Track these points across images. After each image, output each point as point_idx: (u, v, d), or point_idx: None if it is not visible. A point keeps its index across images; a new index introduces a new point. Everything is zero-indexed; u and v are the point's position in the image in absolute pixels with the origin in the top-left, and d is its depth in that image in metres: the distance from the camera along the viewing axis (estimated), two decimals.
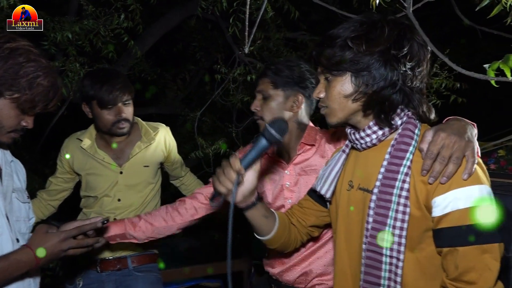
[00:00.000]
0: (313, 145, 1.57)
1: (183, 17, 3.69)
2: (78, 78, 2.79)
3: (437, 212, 0.96)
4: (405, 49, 1.00)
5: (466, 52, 4.04)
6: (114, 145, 1.97)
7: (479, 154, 1.05)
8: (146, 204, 2.01)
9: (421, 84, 1.05)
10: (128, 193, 1.97)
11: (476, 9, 1.27)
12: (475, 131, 1.05)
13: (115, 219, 1.93)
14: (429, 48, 1.09)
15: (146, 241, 1.74)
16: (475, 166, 0.97)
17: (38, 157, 4.24)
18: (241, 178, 1.12)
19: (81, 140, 1.99)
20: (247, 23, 1.93)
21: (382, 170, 1.03)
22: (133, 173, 1.98)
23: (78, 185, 2.11)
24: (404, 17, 1.67)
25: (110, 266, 1.92)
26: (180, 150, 2.25)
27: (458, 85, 2.53)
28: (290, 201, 1.59)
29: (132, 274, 1.92)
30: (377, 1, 1.37)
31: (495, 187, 1.31)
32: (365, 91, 1.03)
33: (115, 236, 1.69)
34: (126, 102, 1.90)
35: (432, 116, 1.10)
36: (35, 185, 3.78)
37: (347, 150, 1.19)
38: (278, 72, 1.55)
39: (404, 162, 1.00)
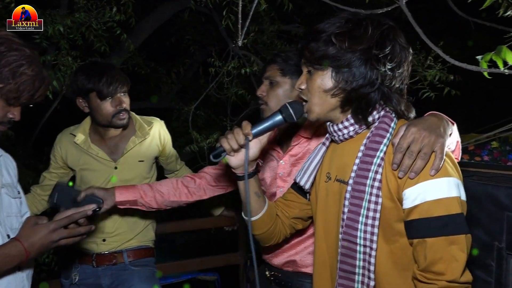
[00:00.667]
0: (309, 138, 1.58)
1: (176, 10, 3.66)
2: (71, 72, 2.76)
3: (407, 204, 0.99)
4: (387, 49, 1.02)
5: (459, 44, 4.05)
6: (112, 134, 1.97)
7: (459, 148, 1.10)
8: None
9: (401, 85, 1.08)
10: None
11: (469, 1, 1.27)
12: (451, 127, 1.07)
13: (110, 214, 1.93)
14: (410, 50, 1.11)
15: (152, 210, 1.77)
16: (444, 160, 0.99)
17: (32, 152, 4.22)
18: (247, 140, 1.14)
19: (75, 135, 1.97)
20: (240, 16, 1.92)
21: (357, 161, 1.06)
22: (128, 168, 1.97)
23: (73, 180, 2.10)
24: (397, 10, 1.67)
25: (105, 260, 1.91)
26: (174, 144, 2.24)
27: (452, 78, 2.53)
28: (281, 190, 1.61)
29: (128, 268, 1.92)
30: None
31: (488, 179, 1.33)
32: (344, 88, 1.05)
33: (126, 201, 1.70)
34: (124, 93, 1.90)
35: (412, 114, 1.12)
36: (29, 180, 3.76)
37: (327, 143, 1.22)
38: (288, 59, 1.55)
39: (378, 153, 1.03)
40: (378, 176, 1.01)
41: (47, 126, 3.75)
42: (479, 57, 1.21)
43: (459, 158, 1.14)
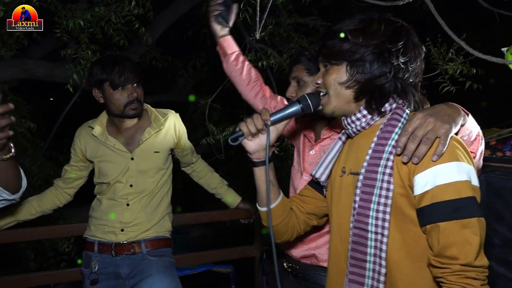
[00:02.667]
0: (339, 132, 1.58)
1: (194, 3, 3.66)
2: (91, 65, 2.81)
3: (417, 190, 1.00)
4: (400, 44, 1.07)
5: (481, 37, 3.94)
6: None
7: (479, 141, 1.09)
8: (158, 190, 2.03)
9: (415, 79, 1.11)
10: (140, 179, 1.99)
11: None
12: (463, 117, 1.07)
13: (128, 204, 1.97)
14: (423, 48, 1.14)
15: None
16: (451, 146, 1.00)
17: (53, 144, 4.32)
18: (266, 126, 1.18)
19: (92, 128, 2.01)
20: (258, 9, 1.91)
21: (370, 151, 1.08)
22: (144, 159, 2.00)
23: (92, 173, 2.14)
24: (418, 1, 1.63)
25: (124, 250, 1.95)
26: (191, 137, 2.26)
27: (474, 71, 2.47)
28: (306, 177, 1.64)
29: (146, 258, 1.94)
30: None
31: (498, 171, 1.30)
32: (358, 80, 1.10)
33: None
34: (136, 84, 1.94)
35: (427, 106, 1.14)
36: (50, 171, 3.87)
37: (343, 138, 1.25)
38: (312, 58, 1.56)
39: (389, 142, 1.05)
40: (390, 163, 1.03)
41: (68, 119, 3.84)
42: (504, 49, 1.18)
43: (477, 152, 1.13)
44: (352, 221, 1.08)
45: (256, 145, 1.21)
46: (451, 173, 0.96)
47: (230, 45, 1.83)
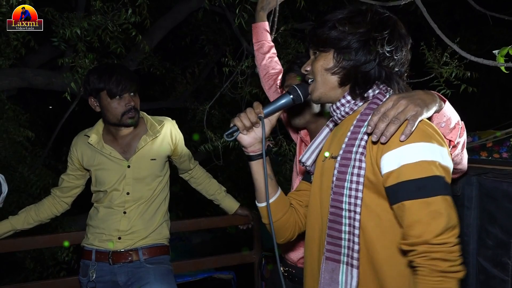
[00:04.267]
0: None
1: (191, 10, 3.68)
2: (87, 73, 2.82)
3: (384, 169, 1.02)
4: (385, 32, 1.11)
5: (476, 39, 3.95)
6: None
7: (458, 130, 1.10)
8: (155, 197, 2.03)
9: (400, 69, 1.15)
10: (137, 187, 1.99)
11: None
12: (438, 103, 1.08)
13: (125, 212, 1.97)
14: (410, 39, 1.17)
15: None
16: (420, 128, 1.01)
17: (51, 153, 4.32)
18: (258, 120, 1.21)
19: (88, 137, 2.02)
20: (265, 15, 1.94)
21: (348, 134, 1.12)
22: (140, 166, 2.00)
23: (89, 181, 2.14)
24: (413, 4, 1.64)
25: (121, 258, 1.94)
26: (189, 144, 2.26)
27: (468, 74, 2.47)
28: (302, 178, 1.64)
29: (143, 266, 1.93)
30: None
31: (505, 176, 1.30)
32: (344, 66, 1.13)
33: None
34: (133, 93, 1.94)
35: None
36: (49, 179, 3.87)
37: (330, 125, 1.29)
38: None
39: (365, 123, 1.08)
40: (363, 143, 1.06)
41: (66, 127, 3.85)
42: (496, 51, 1.18)
43: (455, 141, 1.14)
44: (330, 201, 1.12)
45: (251, 138, 1.23)
46: (417, 153, 0.98)
47: (257, 33, 1.95)
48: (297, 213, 1.35)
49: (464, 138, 1.16)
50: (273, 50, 1.95)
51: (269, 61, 1.92)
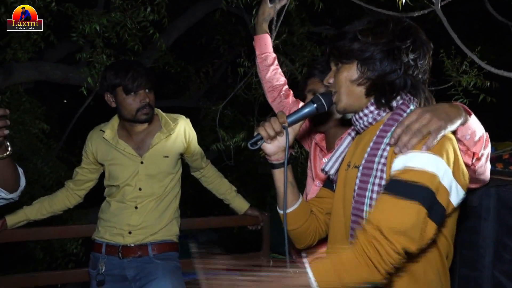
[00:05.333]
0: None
1: (208, 11, 3.71)
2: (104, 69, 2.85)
3: (393, 170, 1.03)
4: (408, 41, 1.10)
5: (496, 49, 3.90)
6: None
7: (482, 143, 1.09)
8: (167, 194, 2.04)
9: (423, 77, 1.15)
10: (149, 183, 2.00)
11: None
12: (463, 116, 1.07)
13: (136, 207, 1.99)
14: (431, 45, 1.17)
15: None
16: (441, 143, 1.00)
17: (65, 146, 4.38)
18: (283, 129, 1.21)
19: (104, 131, 2.04)
20: (275, 17, 1.94)
21: (371, 144, 1.12)
22: (153, 163, 2.01)
23: (103, 175, 2.17)
24: (432, 13, 1.63)
25: (131, 252, 1.95)
26: (201, 143, 2.27)
27: (488, 84, 2.44)
28: (318, 184, 1.66)
29: (152, 261, 1.95)
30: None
31: (510, 186, 1.28)
32: (369, 77, 1.13)
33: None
34: (149, 90, 1.96)
35: (433, 103, 1.16)
36: (61, 172, 3.93)
37: (352, 134, 1.29)
38: (325, 70, 1.58)
39: (388, 134, 1.09)
40: (385, 154, 1.07)
41: (81, 121, 3.90)
42: None
43: (479, 154, 1.12)
44: (352, 208, 1.12)
45: (275, 147, 1.23)
46: (423, 162, 0.98)
47: (260, 45, 1.92)
48: (318, 220, 1.35)
49: (488, 150, 1.15)
50: (276, 62, 1.94)
51: (274, 74, 1.91)
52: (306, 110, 1.23)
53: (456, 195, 1.01)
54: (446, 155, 1.01)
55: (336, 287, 0.97)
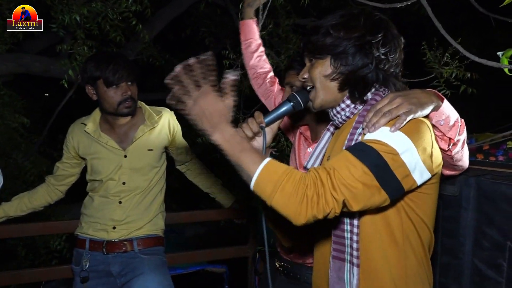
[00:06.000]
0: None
1: (193, 1, 3.65)
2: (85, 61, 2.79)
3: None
4: (379, 35, 1.12)
5: (478, 42, 3.96)
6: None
7: (457, 128, 1.11)
8: (151, 188, 2.01)
9: (395, 70, 1.16)
10: (133, 176, 1.97)
11: None
12: (435, 102, 1.09)
13: (120, 202, 1.96)
14: (402, 39, 1.18)
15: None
16: (410, 124, 1.03)
17: (47, 140, 4.29)
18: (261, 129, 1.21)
19: (85, 125, 2.00)
20: (261, 8, 1.91)
21: (348, 136, 1.13)
22: (137, 156, 1.98)
23: (85, 170, 2.12)
24: (416, 4, 1.63)
25: (116, 248, 1.93)
26: (186, 136, 2.24)
27: (469, 75, 2.48)
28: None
29: (138, 256, 1.92)
30: None
31: (503, 178, 1.30)
32: (342, 71, 1.14)
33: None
34: (131, 82, 1.92)
35: None
36: (43, 167, 3.85)
37: (331, 129, 1.30)
38: (304, 63, 1.56)
39: (363, 124, 1.10)
40: (359, 139, 1.08)
41: (63, 114, 3.82)
42: (500, 53, 1.18)
43: (455, 139, 1.14)
44: None
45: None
46: (386, 136, 1.00)
47: (244, 31, 1.89)
48: None
49: (464, 135, 1.16)
50: (261, 49, 1.92)
51: (258, 60, 1.89)
52: (283, 109, 1.23)
53: (419, 175, 1.02)
54: (413, 135, 1.02)
55: (264, 197, 0.98)
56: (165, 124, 2.07)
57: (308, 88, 1.22)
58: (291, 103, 1.23)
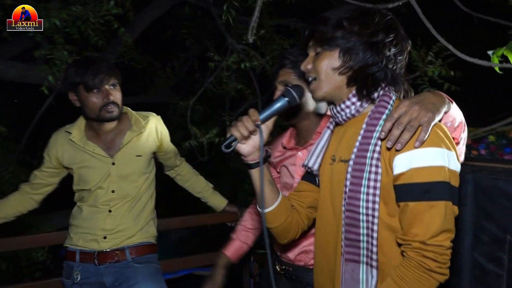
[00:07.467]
0: None
1: (174, 3, 3.60)
2: (66, 67, 2.70)
3: (395, 170, 1.04)
4: (391, 35, 1.11)
5: (460, 40, 4.06)
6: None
7: (461, 129, 1.14)
8: (141, 195, 1.97)
9: (400, 71, 1.16)
10: (122, 184, 1.92)
11: None
12: (448, 105, 1.11)
13: (110, 211, 1.90)
14: (409, 41, 1.19)
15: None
16: (432, 133, 1.03)
17: (25, 148, 4.14)
18: (256, 127, 1.18)
19: (70, 133, 1.93)
20: (256, 12, 1.90)
21: (359, 138, 1.11)
22: (126, 163, 1.93)
23: (69, 179, 2.05)
24: (405, 4, 1.65)
25: (108, 258, 1.87)
26: (171, 140, 2.21)
27: (452, 73, 2.54)
28: (298, 179, 1.62)
29: (131, 265, 1.88)
30: None
31: (499, 173, 1.33)
32: (351, 66, 1.12)
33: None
34: (113, 86, 1.87)
35: (411, 95, 1.19)
36: (23, 177, 3.70)
37: (331, 127, 1.28)
38: (297, 61, 1.54)
39: (377, 128, 1.09)
40: (377, 148, 1.07)
41: (41, 121, 3.69)
42: (490, 52, 1.21)
43: (459, 139, 1.16)
44: (343, 205, 1.12)
45: (250, 147, 1.20)
46: (427, 157, 1.00)
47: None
48: (299, 214, 1.34)
49: (465, 134, 1.19)
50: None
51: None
52: (278, 105, 1.20)
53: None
54: (442, 141, 1.03)
55: None
56: (152, 129, 2.03)
57: (309, 79, 1.20)
58: (286, 99, 1.20)
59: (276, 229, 1.30)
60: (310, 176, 1.35)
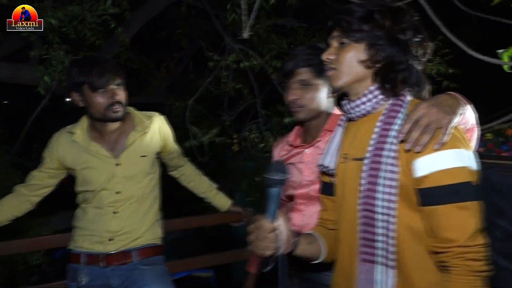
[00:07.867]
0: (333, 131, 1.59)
1: (169, 2, 3.57)
2: (63, 67, 2.66)
3: (417, 173, 1.03)
4: (420, 36, 1.10)
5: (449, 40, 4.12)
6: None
7: (473, 131, 1.15)
8: (146, 195, 1.94)
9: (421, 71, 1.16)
10: (127, 185, 1.89)
11: None
12: (464, 107, 1.11)
13: (115, 212, 1.87)
14: (430, 44, 1.17)
15: None
16: (452, 135, 1.03)
17: (20, 150, 4.06)
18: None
19: (73, 133, 1.90)
20: (255, 9, 1.89)
21: (374, 136, 1.10)
22: (130, 163, 1.90)
23: (70, 180, 2.01)
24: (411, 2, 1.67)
25: (114, 260, 1.84)
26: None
27: (451, 71, 2.58)
28: (308, 177, 1.63)
29: (137, 268, 1.85)
30: None
31: (509, 170, 1.35)
32: (377, 60, 1.10)
33: None
34: (118, 85, 1.84)
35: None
36: (16, 179, 3.63)
37: (342, 124, 1.27)
38: (314, 61, 1.54)
39: (393, 127, 1.08)
40: (394, 147, 1.06)
41: (35, 123, 3.63)
42: (500, 50, 1.23)
43: (471, 140, 1.18)
44: (359, 204, 1.11)
45: (286, 246, 1.16)
46: (449, 160, 1.00)
47: None
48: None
49: (475, 135, 1.20)
50: None
51: None
52: (274, 198, 1.13)
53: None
54: (460, 142, 1.03)
55: None
56: (156, 129, 2.01)
57: (328, 72, 1.18)
58: (276, 187, 1.12)
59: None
60: (326, 187, 1.32)
